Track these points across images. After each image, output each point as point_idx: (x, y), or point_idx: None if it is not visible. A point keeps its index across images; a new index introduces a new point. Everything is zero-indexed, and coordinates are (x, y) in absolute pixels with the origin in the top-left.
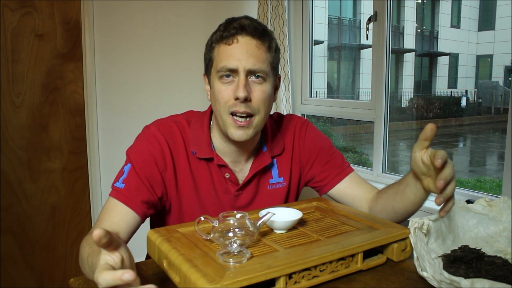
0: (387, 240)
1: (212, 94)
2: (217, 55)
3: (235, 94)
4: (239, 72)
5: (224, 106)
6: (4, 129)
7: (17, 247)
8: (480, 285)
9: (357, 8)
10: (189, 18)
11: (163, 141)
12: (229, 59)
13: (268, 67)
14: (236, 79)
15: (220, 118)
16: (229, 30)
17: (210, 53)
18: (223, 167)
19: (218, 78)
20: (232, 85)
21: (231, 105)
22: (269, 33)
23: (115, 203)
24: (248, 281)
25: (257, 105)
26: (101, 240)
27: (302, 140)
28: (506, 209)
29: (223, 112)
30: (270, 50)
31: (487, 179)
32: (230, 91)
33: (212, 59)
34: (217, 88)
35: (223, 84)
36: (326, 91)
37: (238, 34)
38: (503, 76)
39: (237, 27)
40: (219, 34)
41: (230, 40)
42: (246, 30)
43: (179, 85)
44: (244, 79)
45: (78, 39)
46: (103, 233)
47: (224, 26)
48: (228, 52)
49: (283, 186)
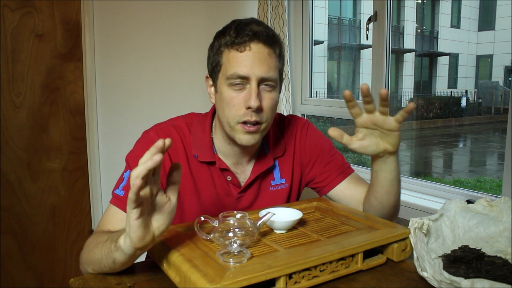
0: (387, 240)
1: (220, 99)
2: (226, 61)
3: (247, 103)
4: (251, 80)
5: (235, 115)
6: (4, 129)
7: (17, 247)
8: (480, 285)
9: (357, 8)
10: (189, 18)
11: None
12: (241, 67)
13: (277, 74)
14: (247, 87)
15: (227, 125)
16: (242, 36)
17: (218, 57)
18: (225, 170)
19: (228, 85)
20: (242, 93)
21: (242, 115)
22: (278, 39)
23: (116, 210)
24: (248, 281)
25: (267, 113)
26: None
27: (303, 141)
28: (506, 209)
29: (232, 120)
30: (280, 57)
31: (487, 179)
32: (241, 99)
33: (221, 63)
34: (227, 95)
35: (234, 91)
36: (326, 91)
37: (251, 42)
38: (503, 76)
39: (250, 34)
40: (229, 39)
41: (242, 47)
42: (259, 37)
43: (179, 85)
44: (256, 88)
45: (78, 39)
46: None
47: (235, 31)
48: (240, 59)
49: (285, 187)
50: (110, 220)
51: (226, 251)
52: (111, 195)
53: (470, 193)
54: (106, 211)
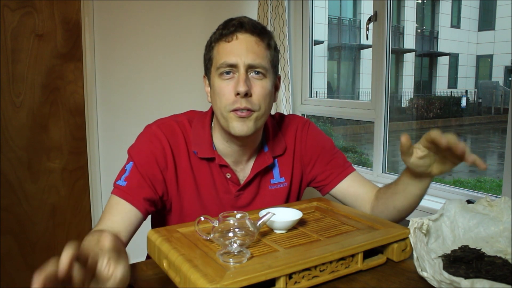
0: (387, 240)
1: (213, 93)
2: (216, 53)
3: (235, 89)
4: (239, 67)
5: (225, 103)
6: (4, 129)
7: (17, 247)
8: (480, 285)
9: (357, 8)
10: (189, 18)
11: (165, 141)
12: (229, 55)
13: (268, 64)
14: (236, 75)
15: (221, 116)
16: (228, 27)
17: (209, 53)
18: (224, 167)
19: (218, 76)
20: (232, 81)
21: (232, 103)
22: (268, 31)
23: (117, 200)
24: (248, 281)
25: (258, 100)
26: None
27: (304, 140)
28: (506, 209)
29: (224, 109)
30: (270, 47)
31: (487, 179)
32: (230, 87)
33: (212, 58)
34: (218, 85)
35: (223, 80)
36: (326, 91)
37: (237, 31)
38: (503, 76)
39: (236, 24)
40: (218, 33)
41: (229, 38)
42: (245, 27)
43: (179, 85)
44: (244, 74)
45: (78, 39)
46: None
47: (223, 25)
48: (228, 49)
49: (284, 186)
50: (111, 211)
51: (226, 251)
52: (113, 186)
53: (470, 193)
54: (107, 202)
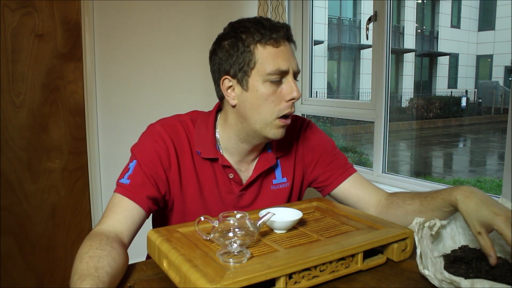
0: (387, 240)
1: (253, 97)
2: (263, 57)
3: (290, 95)
4: (289, 73)
5: (274, 110)
6: (4, 129)
7: (17, 247)
8: (480, 285)
9: (357, 8)
10: (189, 18)
11: (168, 140)
12: (281, 61)
13: None
14: (283, 80)
15: (261, 122)
16: (277, 31)
17: (248, 55)
18: (227, 167)
19: (266, 81)
20: (279, 87)
21: (284, 108)
22: None
23: (120, 198)
24: (248, 281)
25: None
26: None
27: (305, 140)
28: None
29: (270, 116)
30: None
31: (487, 179)
32: (279, 93)
33: (255, 61)
34: (266, 91)
35: (273, 86)
36: (326, 91)
37: (283, 37)
38: (503, 76)
39: (284, 28)
40: (262, 36)
41: (277, 43)
42: (287, 33)
43: (179, 85)
44: (294, 80)
45: (78, 39)
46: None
47: (267, 28)
48: (279, 54)
49: (286, 186)
50: (114, 209)
51: (226, 251)
52: (116, 185)
53: None
54: (110, 200)
